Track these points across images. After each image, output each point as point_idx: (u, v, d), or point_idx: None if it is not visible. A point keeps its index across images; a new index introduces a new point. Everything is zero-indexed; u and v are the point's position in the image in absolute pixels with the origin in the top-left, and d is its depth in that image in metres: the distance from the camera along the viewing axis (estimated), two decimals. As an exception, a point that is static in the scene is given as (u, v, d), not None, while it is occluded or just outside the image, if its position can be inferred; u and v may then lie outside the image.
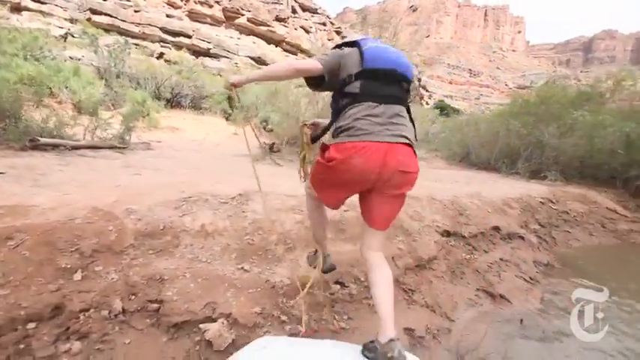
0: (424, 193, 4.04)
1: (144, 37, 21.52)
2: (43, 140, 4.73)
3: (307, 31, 34.99)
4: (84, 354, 1.53)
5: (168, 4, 26.36)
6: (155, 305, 1.77)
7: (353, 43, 1.42)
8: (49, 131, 5.11)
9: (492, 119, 9.21)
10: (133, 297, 1.80)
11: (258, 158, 6.04)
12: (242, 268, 2.10)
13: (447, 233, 3.31)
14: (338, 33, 42.72)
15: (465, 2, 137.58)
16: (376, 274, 1.33)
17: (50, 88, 8.06)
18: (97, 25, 19.26)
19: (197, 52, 24.08)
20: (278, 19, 31.01)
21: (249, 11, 29.09)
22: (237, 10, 28.61)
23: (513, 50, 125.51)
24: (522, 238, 3.87)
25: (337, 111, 1.39)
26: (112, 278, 1.87)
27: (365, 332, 1.95)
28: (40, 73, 7.42)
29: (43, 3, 18.40)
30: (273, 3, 31.07)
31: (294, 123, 7.03)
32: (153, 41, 21.37)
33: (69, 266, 1.85)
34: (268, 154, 6.27)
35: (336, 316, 2.01)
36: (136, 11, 21.44)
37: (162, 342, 1.64)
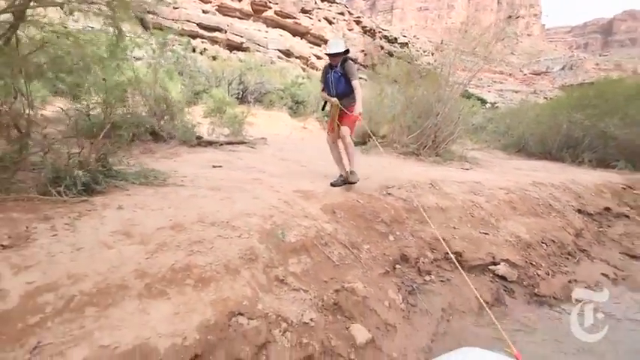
0: (539, 180, 4.85)
1: (182, 33, 22.18)
2: (205, 138, 5.65)
3: (330, 22, 35.18)
4: (436, 283, 2.41)
5: (199, -1, 26.83)
6: (453, 256, 2.64)
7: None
8: (185, 130, 5.76)
9: (550, 111, 9.83)
10: (435, 251, 2.67)
11: (364, 150, 6.87)
12: (482, 232, 2.96)
13: (579, 211, 4.12)
14: (357, 22, 42.66)
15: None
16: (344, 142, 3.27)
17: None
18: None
19: (230, 47, 24.71)
20: (303, 11, 31.31)
21: (277, 4, 29.45)
22: (265, 3, 28.98)
23: (528, 35, 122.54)
24: (628, 217, 4.65)
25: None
26: (412, 238, 2.75)
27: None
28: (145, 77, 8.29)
29: (92, 3, 19.12)
30: (297, -6, 31.29)
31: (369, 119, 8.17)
32: (192, 37, 22.07)
33: (383, 231, 2.73)
34: (371, 147, 7.08)
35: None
36: (175, 8, 22.09)
37: (472, 277, 2.52)
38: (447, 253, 2.66)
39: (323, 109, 3.77)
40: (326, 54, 3.31)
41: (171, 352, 1.24)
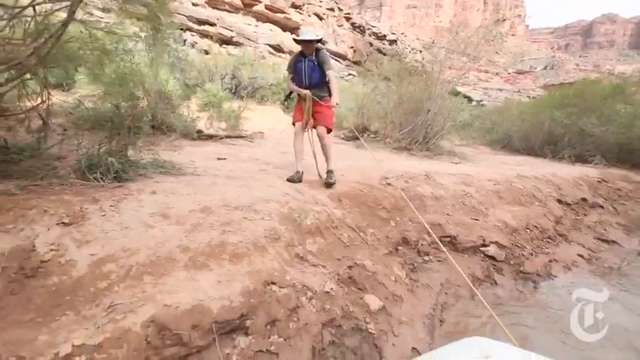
0: (523, 174, 5.21)
1: (173, 25, 21.83)
2: (205, 132, 5.78)
3: (320, 18, 35.17)
4: (434, 262, 2.68)
5: (187, -10, 26.38)
6: (448, 239, 2.93)
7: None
8: (185, 123, 5.83)
9: (534, 110, 10.32)
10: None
11: (359, 145, 7.12)
12: (473, 218, 3.26)
13: (559, 201, 4.50)
14: (347, 19, 42.76)
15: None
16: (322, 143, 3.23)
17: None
18: (131, 15, 19.58)
19: (221, 40, 24.43)
20: (294, 6, 31.20)
21: (267, -2, 29.23)
22: (255, -4, 28.72)
23: (513, 35, 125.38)
24: (602, 207, 5.08)
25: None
26: (410, 223, 3.01)
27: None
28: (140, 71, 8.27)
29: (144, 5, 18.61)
30: (288, -11, 31.10)
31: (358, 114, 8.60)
32: (182, 30, 21.74)
33: (385, 217, 2.99)
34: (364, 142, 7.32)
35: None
36: (163, 0, 21.68)
37: (466, 257, 2.80)
38: (442, 237, 2.95)
39: (286, 99, 3.53)
40: (298, 40, 3.03)
41: (222, 311, 1.45)
